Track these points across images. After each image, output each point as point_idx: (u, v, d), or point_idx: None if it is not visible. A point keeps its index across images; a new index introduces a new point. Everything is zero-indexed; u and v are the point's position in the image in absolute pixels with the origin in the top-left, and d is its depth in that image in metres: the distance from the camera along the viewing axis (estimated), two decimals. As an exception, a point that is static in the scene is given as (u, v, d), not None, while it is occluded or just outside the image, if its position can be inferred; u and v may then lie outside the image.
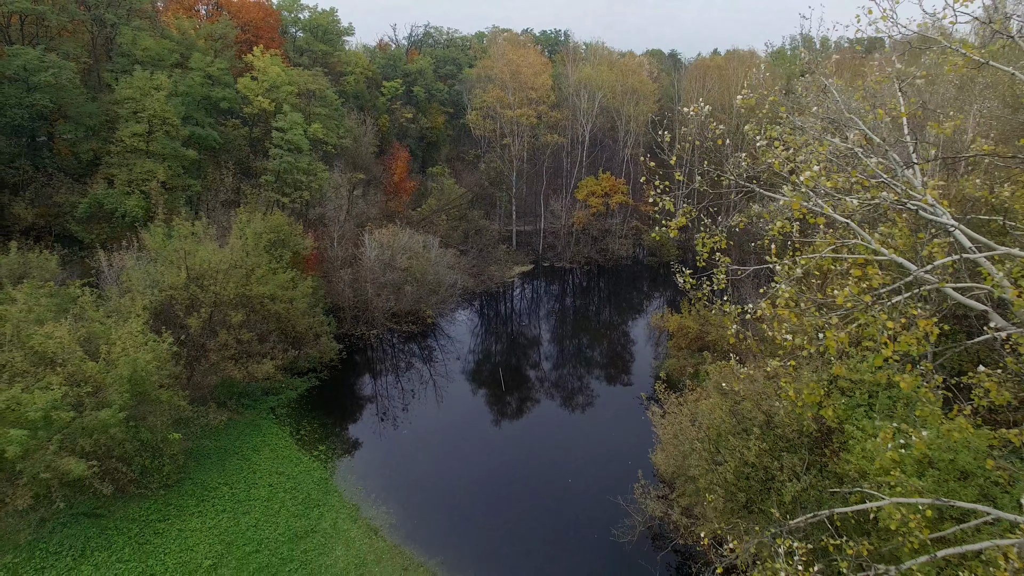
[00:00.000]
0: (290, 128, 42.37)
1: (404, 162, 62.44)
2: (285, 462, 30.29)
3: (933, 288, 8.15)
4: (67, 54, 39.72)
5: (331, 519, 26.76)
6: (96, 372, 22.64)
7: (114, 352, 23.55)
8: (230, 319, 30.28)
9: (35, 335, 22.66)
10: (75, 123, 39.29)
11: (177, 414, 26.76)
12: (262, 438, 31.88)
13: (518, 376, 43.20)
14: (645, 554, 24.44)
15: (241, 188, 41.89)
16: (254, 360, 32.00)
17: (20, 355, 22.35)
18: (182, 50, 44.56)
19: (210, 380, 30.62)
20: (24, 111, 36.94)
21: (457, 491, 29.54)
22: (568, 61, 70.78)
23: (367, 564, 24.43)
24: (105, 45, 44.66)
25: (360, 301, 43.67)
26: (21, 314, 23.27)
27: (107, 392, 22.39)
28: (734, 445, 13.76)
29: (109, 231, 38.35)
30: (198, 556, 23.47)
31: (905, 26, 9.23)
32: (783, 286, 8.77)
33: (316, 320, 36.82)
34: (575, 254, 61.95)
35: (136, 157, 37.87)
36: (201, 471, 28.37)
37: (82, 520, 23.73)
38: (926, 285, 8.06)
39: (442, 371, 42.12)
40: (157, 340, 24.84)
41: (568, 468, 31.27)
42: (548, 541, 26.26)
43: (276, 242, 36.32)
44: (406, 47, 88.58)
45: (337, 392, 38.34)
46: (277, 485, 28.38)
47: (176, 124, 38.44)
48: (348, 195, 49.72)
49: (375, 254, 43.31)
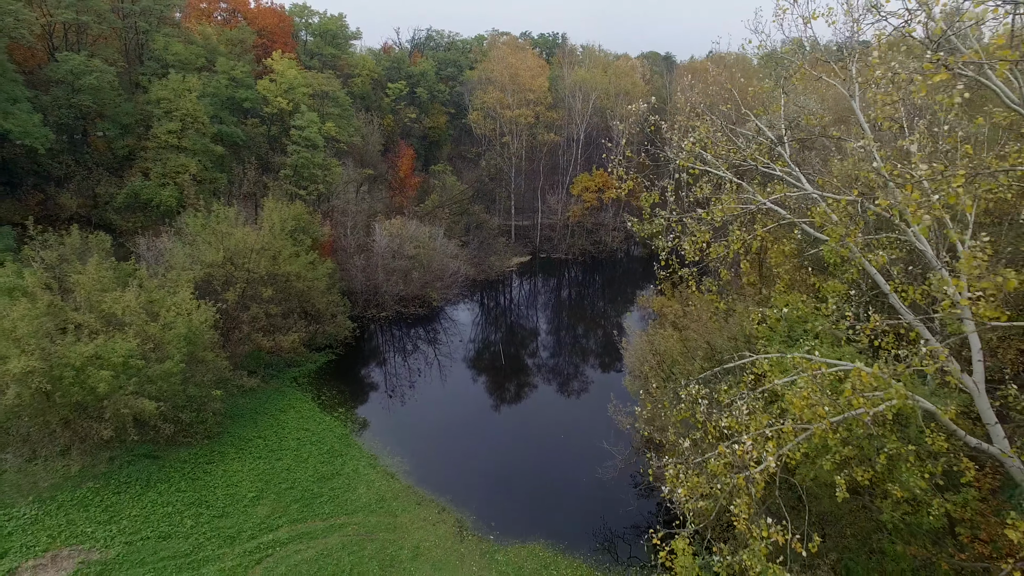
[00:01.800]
0: (307, 126, 46.88)
1: (409, 159, 66.97)
2: (309, 421, 34.65)
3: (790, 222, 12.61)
4: (105, 59, 44.19)
5: (353, 465, 31.13)
6: (157, 331, 27.04)
7: (169, 316, 27.97)
8: (261, 294, 34.69)
9: (106, 300, 27.07)
10: (112, 121, 43.75)
11: (218, 375, 31.10)
12: (287, 402, 36.24)
13: (516, 354, 47.70)
14: (623, 487, 28.91)
15: (262, 181, 46.28)
16: (280, 332, 36.38)
17: (93, 317, 26.73)
18: (207, 54, 49.05)
19: (243, 349, 34.98)
20: (70, 111, 41.43)
21: (463, 447, 34.01)
22: (564, 64, 75.38)
23: (386, 499, 28.79)
24: (136, 50, 49.17)
25: (371, 286, 48.09)
26: (91, 283, 27.66)
27: (167, 348, 26.78)
28: (683, 365, 17.95)
29: (143, 220, 42.75)
30: (242, 490, 27.82)
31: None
32: (700, 232, 13.21)
33: (333, 299, 41.22)
34: (570, 246, 66.50)
35: (170, 152, 42.31)
36: (237, 427, 32.73)
37: (143, 460, 28.09)
38: (788, 220, 12.52)
39: (446, 350, 46.56)
40: (204, 306, 29.26)
41: (560, 427, 35.79)
42: (541, 483, 30.70)
43: (297, 229, 40.73)
44: (409, 50, 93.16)
45: (352, 366, 42.75)
46: (304, 439, 32.75)
47: (205, 122, 42.92)
48: (357, 189, 54.17)
49: (385, 242, 47.75)
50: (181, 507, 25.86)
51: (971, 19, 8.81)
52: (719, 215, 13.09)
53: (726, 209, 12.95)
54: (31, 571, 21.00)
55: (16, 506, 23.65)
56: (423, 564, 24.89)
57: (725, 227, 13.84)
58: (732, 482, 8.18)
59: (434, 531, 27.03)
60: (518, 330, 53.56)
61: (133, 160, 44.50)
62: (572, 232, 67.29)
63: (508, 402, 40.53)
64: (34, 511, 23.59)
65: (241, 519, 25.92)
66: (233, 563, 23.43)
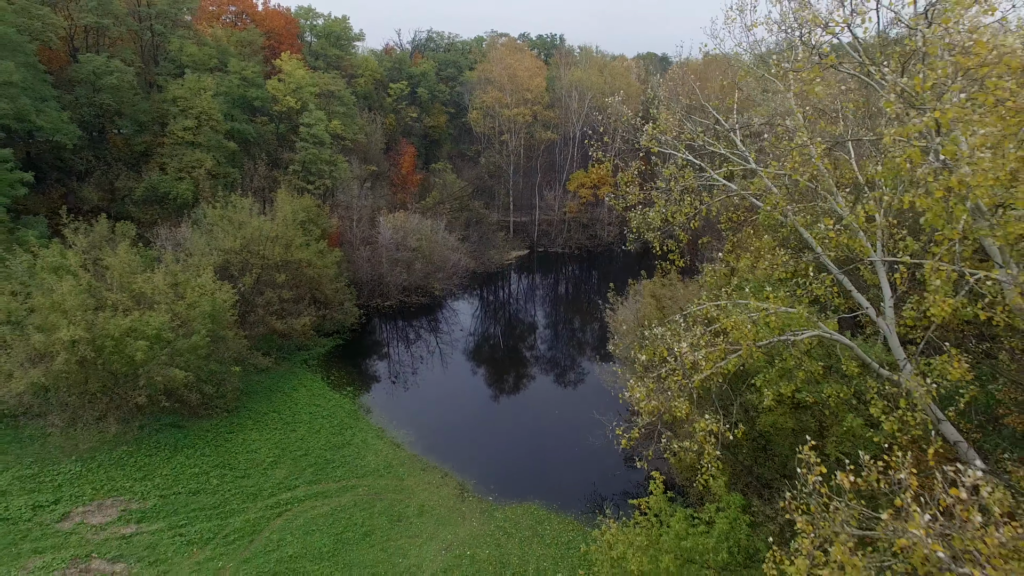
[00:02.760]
0: (315, 124, 49.68)
1: (411, 157, 69.76)
2: (320, 398, 37.35)
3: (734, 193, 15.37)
4: (123, 60, 46.94)
5: (361, 437, 33.85)
6: (184, 309, 29.76)
7: (194, 296, 30.70)
8: (275, 279, 37.43)
9: (137, 281, 29.81)
10: (130, 119, 46.52)
11: (237, 352, 33.82)
12: (299, 381, 38.93)
13: (514, 340, 50.45)
14: (612, 455, 31.65)
15: (272, 176, 49.04)
16: (292, 316, 39.10)
17: (125, 296, 29.45)
18: (219, 56, 51.84)
19: (258, 331, 37.68)
20: (91, 109, 44.19)
21: (464, 423, 36.78)
22: (561, 64, 78.25)
23: (393, 466, 31.51)
24: (151, 51, 51.97)
25: (376, 276, 50.82)
26: (123, 266, 30.39)
27: (193, 324, 29.51)
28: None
29: (161, 212, 45.47)
30: (261, 456, 30.53)
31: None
32: (661, 202, 15.98)
33: (341, 286, 43.95)
34: (567, 240, 69.31)
35: (185, 148, 45.08)
36: (253, 402, 35.42)
37: (170, 428, 30.78)
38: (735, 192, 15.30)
39: (448, 337, 49.34)
40: (226, 287, 31.99)
41: (555, 404, 38.58)
42: (537, 453, 33.45)
43: (307, 220, 43.48)
44: (410, 51, 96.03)
45: (358, 351, 45.47)
46: (315, 413, 35.45)
47: (219, 120, 45.70)
48: (361, 185, 56.91)
49: (389, 235, 50.51)
50: (207, 468, 28.56)
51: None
52: (675, 187, 15.85)
53: (681, 182, 15.73)
54: (81, 515, 23.70)
55: (62, 463, 26.35)
56: (428, 520, 27.60)
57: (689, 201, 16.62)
58: (674, 383, 10.90)
59: (438, 492, 29.76)
60: (516, 318, 56.34)
61: (150, 156, 47.23)
62: (568, 227, 70.11)
63: (506, 383, 43.27)
64: (78, 468, 26.29)
65: (261, 480, 28.63)
66: (256, 515, 26.12)
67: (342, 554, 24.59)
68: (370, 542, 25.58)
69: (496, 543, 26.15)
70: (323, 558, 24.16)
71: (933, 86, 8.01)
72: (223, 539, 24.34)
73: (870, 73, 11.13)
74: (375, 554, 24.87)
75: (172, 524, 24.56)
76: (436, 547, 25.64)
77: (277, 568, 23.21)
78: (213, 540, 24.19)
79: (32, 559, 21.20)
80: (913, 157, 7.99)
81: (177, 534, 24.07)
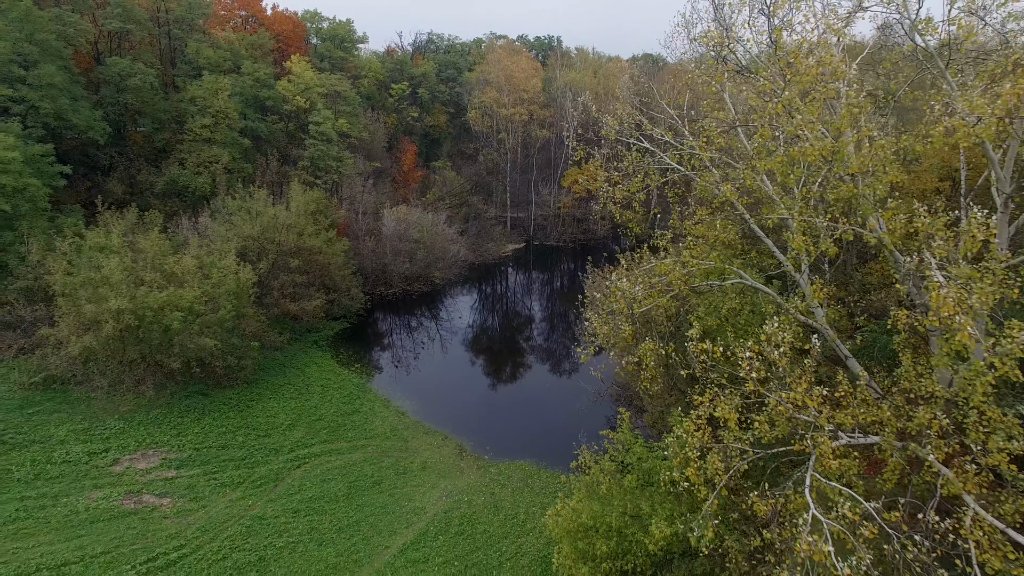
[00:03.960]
0: (323, 122, 53.53)
1: (412, 154, 73.63)
2: (330, 373, 41.10)
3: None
4: (144, 62, 50.77)
5: (369, 406, 37.61)
6: (211, 287, 33.55)
7: (219, 276, 34.49)
8: (289, 264, 41.22)
9: (168, 262, 33.62)
10: (151, 118, 50.36)
11: (256, 329, 37.60)
12: (310, 358, 42.68)
13: (509, 324, 54.25)
14: (599, 420, 35.42)
15: (283, 171, 52.86)
16: (304, 299, 42.89)
17: (158, 275, 33.24)
18: (232, 58, 55.70)
19: (273, 312, 41.47)
20: (116, 108, 48.02)
21: (462, 396, 40.72)
22: (557, 66, 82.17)
23: (398, 430, 35.27)
24: (169, 54, 55.84)
25: (380, 265, 54.62)
26: (155, 248, 34.20)
27: (219, 300, 33.29)
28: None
29: (180, 204, 49.27)
30: (279, 419, 34.27)
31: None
32: (635, 182, 19.77)
33: (348, 273, 47.75)
34: (561, 234, 73.13)
35: (203, 145, 48.89)
36: (269, 376, 39.14)
37: (197, 395, 34.51)
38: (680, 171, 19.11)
39: (447, 320, 53.13)
40: (247, 267, 35.79)
41: (546, 377, 42.40)
42: (530, 420, 37.26)
43: (317, 211, 47.29)
44: (411, 53, 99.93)
45: (364, 334, 49.27)
46: (327, 385, 39.21)
47: (235, 118, 49.54)
48: (365, 180, 60.75)
49: (392, 226, 54.33)
50: (232, 428, 32.31)
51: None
52: (628, 166, 19.60)
53: (634, 163, 19.49)
54: (128, 462, 27.46)
55: (107, 421, 30.10)
56: (430, 473, 31.36)
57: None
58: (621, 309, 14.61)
59: (439, 452, 33.52)
60: (511, 306, 60.17)
61: (168, 152, 51.04)
62: (563, 221, 73.96)
63: (502, 362, 47.08)
64: (121, 425, 30.05)
65: (281, 439, 32.39)
66: (278, 466, 29.88)
67: (355, 497, 28.34)
68: (379, 489, 29.34)
69: (490, 492, 29.87)
70: (338, 500, 27.91)
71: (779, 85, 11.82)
72: (251, 483, 28.10)
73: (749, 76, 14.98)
74: (384, 498, 28.63)
75: (206, 471, 28.33)
76: (437, 494, 29.38)
77: (299, 506, 26.95)
78: (242, 484, 27.94)
79: (94, 492, 24.96)
80: (766, 135, 11.76)
81: (211, 478, 27.84)
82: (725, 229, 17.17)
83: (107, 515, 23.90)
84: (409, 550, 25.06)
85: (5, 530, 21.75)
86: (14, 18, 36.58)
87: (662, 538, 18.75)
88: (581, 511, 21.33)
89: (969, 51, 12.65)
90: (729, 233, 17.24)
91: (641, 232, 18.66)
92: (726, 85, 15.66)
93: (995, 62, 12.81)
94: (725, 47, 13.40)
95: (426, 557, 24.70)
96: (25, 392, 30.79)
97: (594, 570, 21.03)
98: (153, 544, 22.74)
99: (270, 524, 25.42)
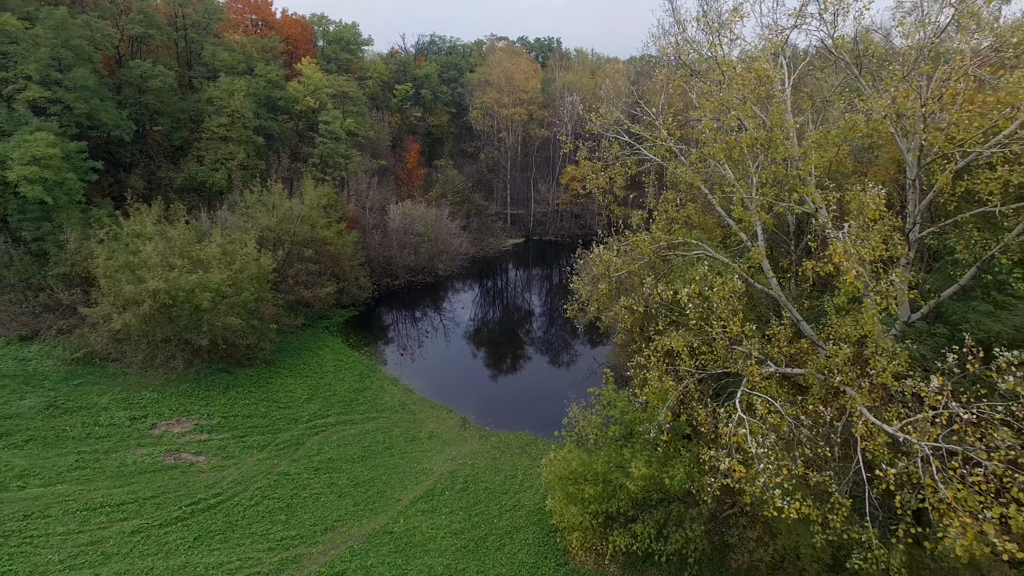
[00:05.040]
0: (332, 121, 56.88)
1: (416, 153, 76.97)
2: (341, 356, 44.37)
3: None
4: (163, 65, 54.14)
5: (379, 384, 40.89)
6: (234, 273, 36.85)
7: (242, 262, 37.79)
8: (303, 253, 44.52)
9: (195, 249, 36.92)
10: (170, 117, 53.70)
11: (273, 313, 40.87)
12: (322, 342, 45.98)
13: (509, 312, 57.53)
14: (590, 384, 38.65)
15: (294, 168, 56.19)
16: (317, 286, 46.19)
17: (186, 261, 36.54)
18: (245, 60, 59.08)
19: (288, 298, 44.75)
20: (137, 108, 51.38)
21: (466, 377, 44.05)
22: (556, 67, 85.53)
23: (407, 404, 38.54)
24: (186, 56, 59.23)
25: (386, 258, 57.91)
26: (182, 237, 37.51)
27: (242, 284, 36.59)
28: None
29: (197, 199, 52.61)
30: (297, 394, 37.54)
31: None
32: (618, 167, 23.04)
33: (357, 263, 51.05)
34: (559, 229, 76.38)
35: (220, 143, 52.23)
36: (285, 357, 42.41)
37: (221, 373, 37.78)
38: (652, 159, 22.41)
39: (450, 309, 56.44)
40: (267, 254, 39.09)
41: (543, 358, 45.65)
42: (528, 397, 40.50)
43: (328, 205, 50.60)
44: (414, 54, 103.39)
45: (372, 321, 52.58)
46: (339, 366, 42.49)
47: (250, 117, 52.88)
48: (369, 178, 64.06)
49: (398, 220, 57.64)
50: (255, 401, 35.59)
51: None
52: (609, 156, 22.87)
53: (614, 152, 22.75)
54: (165, 426, 30.76)
55: (142, 393, 33.40)
56: (436, 441, 34.61)
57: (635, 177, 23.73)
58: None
59: (444, 423, 36.79)
60: (511, 295, 63.46)
61: (186, 149, 54.39)
62: (561, 217, 77.24)
63: (502, 346, 50.38)
64: (155, 396, 33.35)
65: (299, 410, 35.66)
66: (298, 433, 33.15)
67: (369, 460, 31.60)
68: (390, 453, 32.61)
69: (491, 457, 33.11)
70: (354, 461, 31.17)
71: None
72: (275, 447, 31.38)
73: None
74: (395, 460, 31.89)
75: (234, 435, 31.61)
76: (443, 458, 32.63)
77: (319, 466, 30.21)
78: (268, 447, 31.22)
79: (138, 450, 28.25)
80: (708, 126, 15.04)
81: (239, 442, 31.12)
82: (686, 207, 20.40)
83: (152, 468, 27.21)
84: (419, 502, 28.30)
85: (69, 476, 25.06)
86: (51, 25, 39.91)
87: (640, 477, 22.03)
88: (571, 459, 24.61)
89: (878, 60, 15.88)
90: (689, 210, 20.51)
91: (621, 213, 21.91)
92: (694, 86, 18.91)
93: (897, 70, 16.12)
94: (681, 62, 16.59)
95: (434, 508, 27.93)
96: (68, 367, 34.10)
97: (582, 511, 24.27)
98: (194, 491, 26.02)
99: (294, 479, 28.68)
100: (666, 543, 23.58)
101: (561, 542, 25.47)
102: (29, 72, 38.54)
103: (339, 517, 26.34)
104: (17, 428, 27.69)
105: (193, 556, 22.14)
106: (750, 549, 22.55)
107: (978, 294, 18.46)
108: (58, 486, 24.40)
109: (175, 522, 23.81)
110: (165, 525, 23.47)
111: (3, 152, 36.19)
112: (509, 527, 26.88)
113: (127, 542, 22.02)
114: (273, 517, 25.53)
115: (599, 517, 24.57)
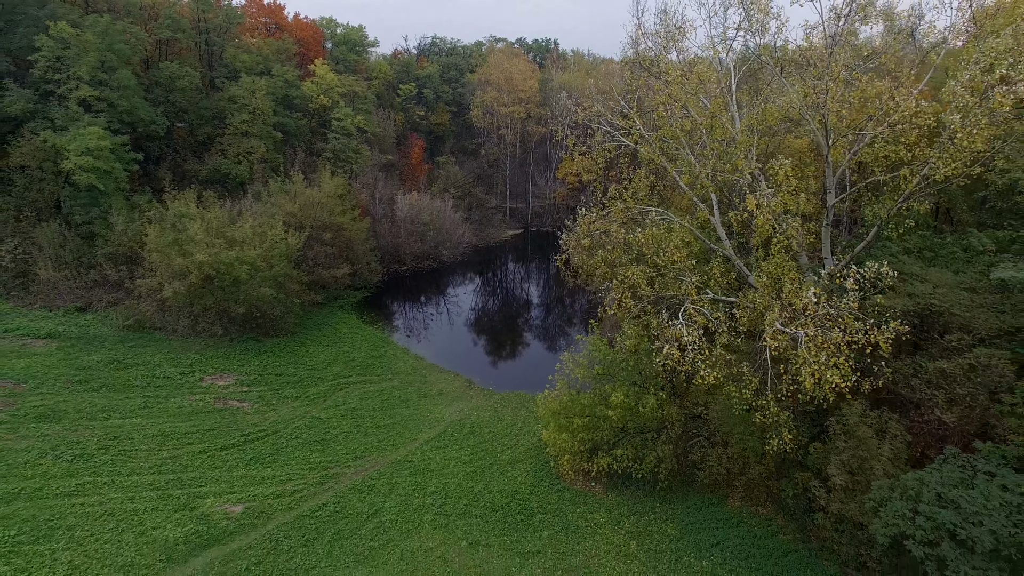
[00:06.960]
0: (344, 118, 62.07)
1: (420, 149, 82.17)
2: (356, 329, 49.46)
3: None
4: (190, 66, 59.31)
5: (392, 352, 45.97)
6: (265, 249, 41.97)
7: (272, 240, 42.91)
8: (322, 237, 49.65)
9: (228, 229, 42.04)
10: (194, 115, 58.84)
11: (297, 289, 45.98)
12: (338, 318, 51.06)
13: (508, 294, 62.70)
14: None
15: (309, 161, 61.35)
16: (334, 267, 51.32)
17: (220, 241, 41.64)
18: (263, 61, 64.28)
19: (309, 278, 49.86)
20: (165, 106, 56.52)
21: (471, 348, 49.05)
22: (553, 68, 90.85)
23: (418, 369, 43.63)
24: (208, 58, 64.43)
25: (394, 245, 63.02)
26: (218, 219, 42.64)
27: (273, 260, 41.71)
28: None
29: (220, 190, 57.71)
30: (320, 359, 42.58)
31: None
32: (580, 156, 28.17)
33: (368, 248, 56.19)
34: (556, 221, 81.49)
35: (242, 138, 57.36)
36: (306, 330, 47.49)
37: (251, 341, 42.85)
38: (628, 144, 27.62)
39: (453, 293, 61.59)
40: (293, 234, 44.23)
41: (541, 328, 50.83)
42: (527, 363, 45.61)
43: (342, 194, 55.74)
44: (416, 55, 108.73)
45: (382, 302, 57.72)
46: (355, 337, 47.56)
47: (269, 114, 58.04)
48: (376, 172, 69.26)
49: (406, 210, 62.80)
50: (284, 363, 40.67)
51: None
52: (594, 144, 28.00)
53: (597, 140, 27.86)
54: (210, 380, 35.85)
55: (187, 354, 38.49)
56: (445, 398, 39.69)
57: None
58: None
59: (452, 384, 41.86)
60: (510, 280, 68.65)
61: (209, 145, 59.52)
62: (558, 210, 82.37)
63: (502, 322, 55.54)
64: (198, 357, 38.44)
65: (324, 372, 40.74)
66: (325, 388, 38.21)
67: (387, 410, 36.69)
68: (406, 405, 37.69)
69: (494, 410, 38.19)
70: (375, 410, 36.25)
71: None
72: (306, 398, 36.45)
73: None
74: (410, 411, 36.98)
75: (270, 388, 36.70)
76: (452, 410, 37.71)
77: (345, 413, 35.29)
78: (300, 398, 36.30)
79: (191, 397, 33.35)
80: (660, 115, 20.18)
81: (275, 393, 36.21)
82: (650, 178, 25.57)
83: (205, 409, 32.31)
84: (432, 441, 33.38)
85: (140, 413, 30.15)
86: (98, 31, 45.06)
87: (618, 405, 27.19)
88: (563, 396, 29.76)
89: (795, 65, 21.12)
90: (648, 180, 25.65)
91: (601, 188, 27.06)
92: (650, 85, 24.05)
93: (815, 70, 21.31)
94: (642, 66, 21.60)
95: (445, 445, 33.01)
96: (121, 332, 39.20)
97: (571, 438, 29.33)
98: (243, 427, 31.12)
99: (325, 422, 33.78)
100: (642, 464, 28.63)
101: (554, 467, 30.55)
102: (80, 73, 43.66)
103: (366, 449, 31.44)
104: (91, 377, 32.79)
105: (251, 470, 27.25)
106: (710, 464, 27.60)
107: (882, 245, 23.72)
108: (134, 419, 29.48)
109: (232, 447, 28.91)
110: (224, 449, 28.57)
111: (61, 144, 41.29)
112: (510, 459, 31.97)
113: (197, 458, 27.13)
114: (312, 447, 30.63)
115: (586, 444, 29.65)
